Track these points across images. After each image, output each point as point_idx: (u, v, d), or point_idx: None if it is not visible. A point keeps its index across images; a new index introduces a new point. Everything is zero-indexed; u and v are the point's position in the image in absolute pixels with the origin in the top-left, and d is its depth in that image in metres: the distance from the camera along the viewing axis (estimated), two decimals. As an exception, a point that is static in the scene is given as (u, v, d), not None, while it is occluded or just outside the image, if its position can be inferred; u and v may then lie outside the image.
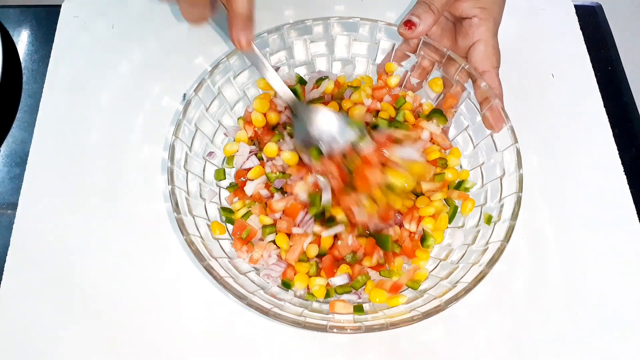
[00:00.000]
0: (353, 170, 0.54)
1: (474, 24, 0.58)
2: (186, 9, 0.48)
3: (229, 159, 0.60)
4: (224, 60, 0.58)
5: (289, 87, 0.57)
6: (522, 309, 0.55)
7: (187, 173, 0.55)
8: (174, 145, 0.54)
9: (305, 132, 0.56)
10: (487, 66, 0.58)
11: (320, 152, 0.55)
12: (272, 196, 0.57)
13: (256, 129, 0.61)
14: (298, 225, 0.55)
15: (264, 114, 0.61)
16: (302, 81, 0.63)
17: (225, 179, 0.60)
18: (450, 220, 0.57)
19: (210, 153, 0.60)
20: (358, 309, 0.51)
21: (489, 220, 0.54)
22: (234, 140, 0.61)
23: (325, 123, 0.56)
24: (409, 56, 0.62)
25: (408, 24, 0.56)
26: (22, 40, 0.71)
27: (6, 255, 0.57)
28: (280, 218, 0.56)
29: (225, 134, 0.62)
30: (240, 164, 0.60)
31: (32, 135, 0.63)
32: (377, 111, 0.61)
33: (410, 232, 0.56)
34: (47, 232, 0.58)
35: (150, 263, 0.57)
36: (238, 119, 0.62)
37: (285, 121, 0.61)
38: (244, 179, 0.59)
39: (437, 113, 0.60)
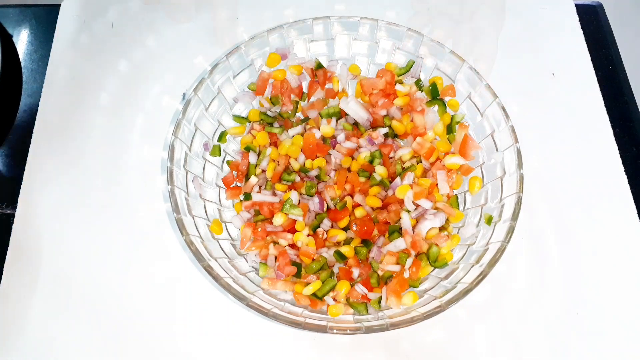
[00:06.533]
0: None
1: None
2: None
3: (222, 136, 0.60)
4: (224, 59, 0.58)
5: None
6: (522, 309, 0.55)
7: (186, 173, 0.55)
8: (174, 145, 0.54)
9: None
10: None
11: None
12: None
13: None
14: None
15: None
16: (320, 66, 0.62)
17: (220, 155, 0.60)
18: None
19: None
20: (358, 309, 0.51)
21: (489, 220, 0.54)
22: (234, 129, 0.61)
23: None
24: None
25: None
26: (22, 40, 0.70)
27: (6, 255, 0.57)
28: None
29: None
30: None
31: (32, 135, 0.63)
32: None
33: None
34: (46, 232, 0.58)
35: (150, 263, 0.57)
36: (248, 86, 0.62)
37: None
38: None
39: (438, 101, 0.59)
